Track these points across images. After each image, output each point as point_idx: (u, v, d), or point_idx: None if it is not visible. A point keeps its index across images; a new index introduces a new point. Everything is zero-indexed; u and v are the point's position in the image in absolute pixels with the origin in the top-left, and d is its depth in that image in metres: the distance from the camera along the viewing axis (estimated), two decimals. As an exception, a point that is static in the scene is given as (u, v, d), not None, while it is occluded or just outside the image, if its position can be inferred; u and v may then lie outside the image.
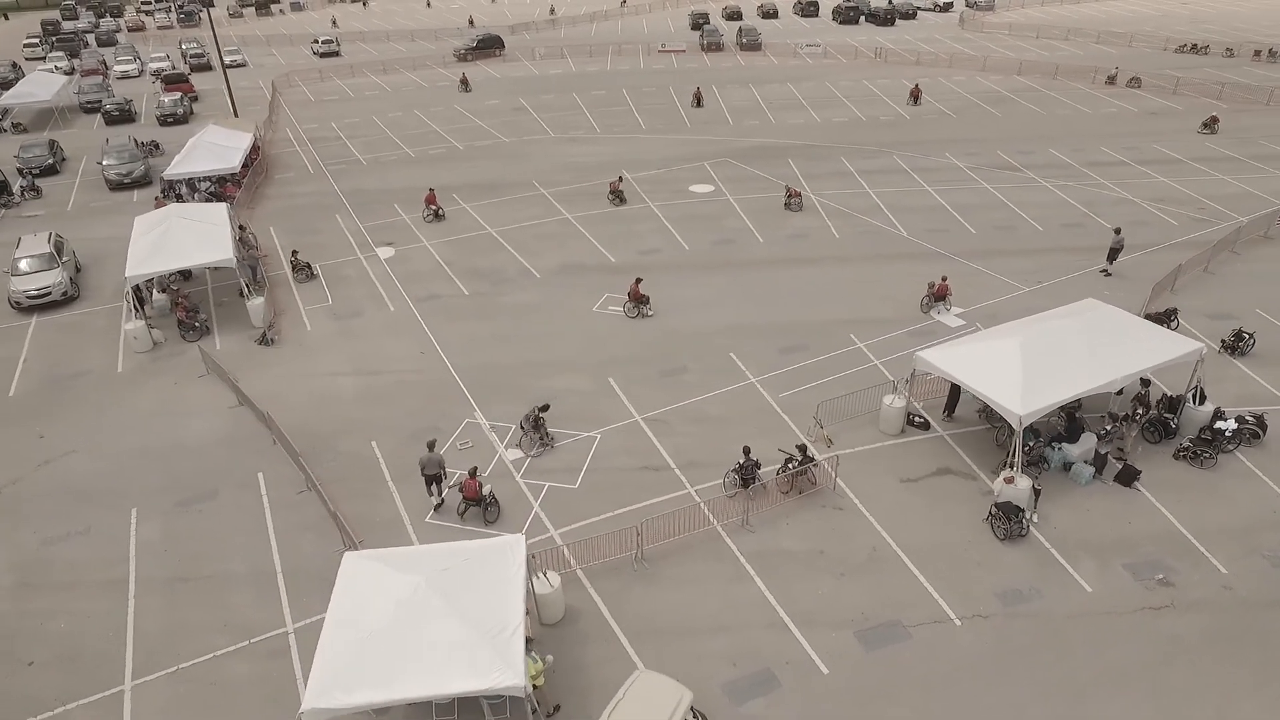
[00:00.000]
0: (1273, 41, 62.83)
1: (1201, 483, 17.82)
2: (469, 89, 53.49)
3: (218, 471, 19.13)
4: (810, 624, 14.74)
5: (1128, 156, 38.79)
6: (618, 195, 34.53)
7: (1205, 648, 14.05)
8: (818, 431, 19.64)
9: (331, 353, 23.96)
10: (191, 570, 16.34)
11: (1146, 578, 15.45)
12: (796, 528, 16.95)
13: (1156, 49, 62.43)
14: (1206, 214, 31.79)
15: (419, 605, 11.60)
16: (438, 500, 17.61)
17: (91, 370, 23.45)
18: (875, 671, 13.81)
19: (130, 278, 23.88)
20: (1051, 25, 73.55)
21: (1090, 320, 18.51)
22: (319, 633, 14.34)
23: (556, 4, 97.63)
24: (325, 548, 16.77)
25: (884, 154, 40.19)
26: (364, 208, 35.02)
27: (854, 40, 69.34)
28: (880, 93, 52.16)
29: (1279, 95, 47.33)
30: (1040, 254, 28.92)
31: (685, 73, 59.52)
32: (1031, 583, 15.41)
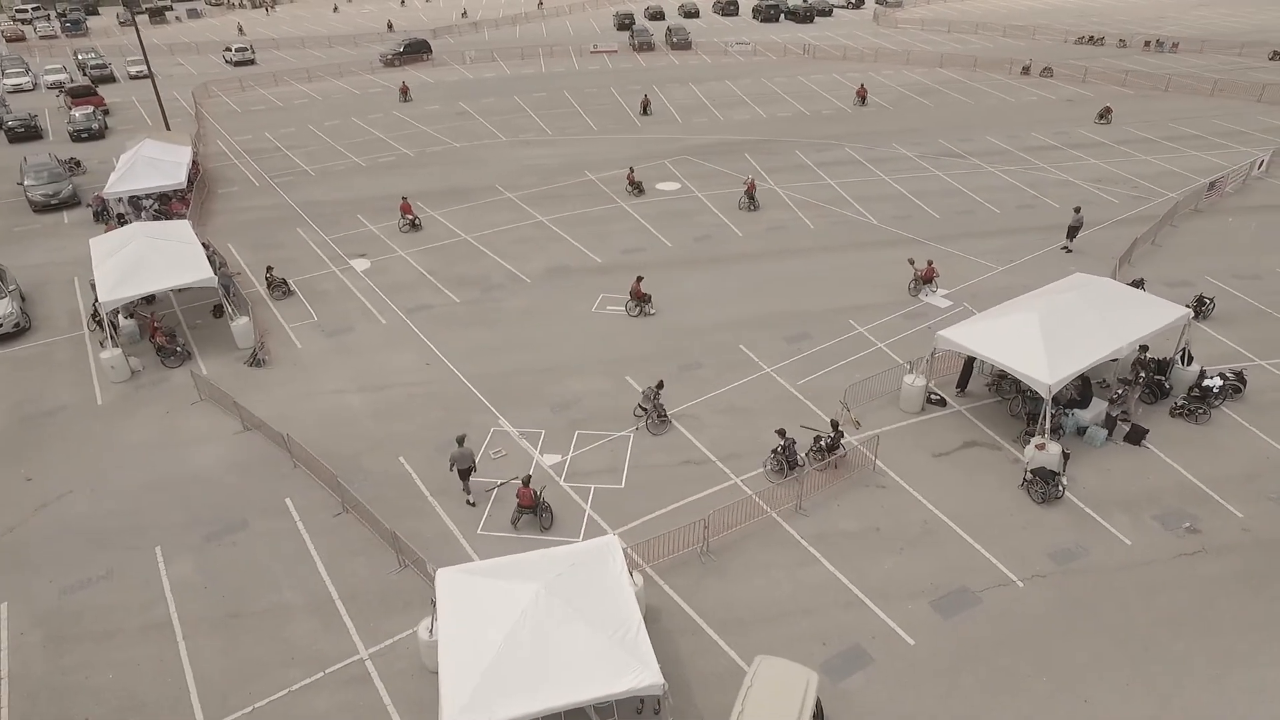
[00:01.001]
0: (1159, 33, 68.07)
1: (1200, 437, 19.32)
2: (408, 98, 51.80)
3: (240, 501, 18.13)
4: (884, 598, 15.24)
5: (1058, 141, 41.37)
6: (637, 186, 35.16)
7: (1241, 587, 15.28)
8: (845, 415, 20.24)
9: (331, 370, 23.03)
10: (241, 605, 15.47)
11: (1175, 527, 16.67)
12: (848, 508, 17.44)
13: (1058, 41, 66.71)
14: (1140, 191, 34.29)
15: (543, 613, 11.40)
16: (469, 497, 17.74)
17: (67, 405, 21.78)
18: (957, 636, 14.40)
19: (106, 303, 22.28)
20: (960, 20, 77.46)
21: (1091, 292, 19.76)
22: (398, 656, 14.01)
23: (469, 7, 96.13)
24: (380, 569, 16.19)
25: (836, 146, 41.51)
26: (325, 219, 33.71)
27: (779, 38, 71.19)
28: (817, 88, 53.79)
29: (1176, 82, 51.39)
30: (1002, 235, 30.54)
31: (622, 73, 59.75)
32: (1076, 541, 16.38)
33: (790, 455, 18.05)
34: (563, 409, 21.04)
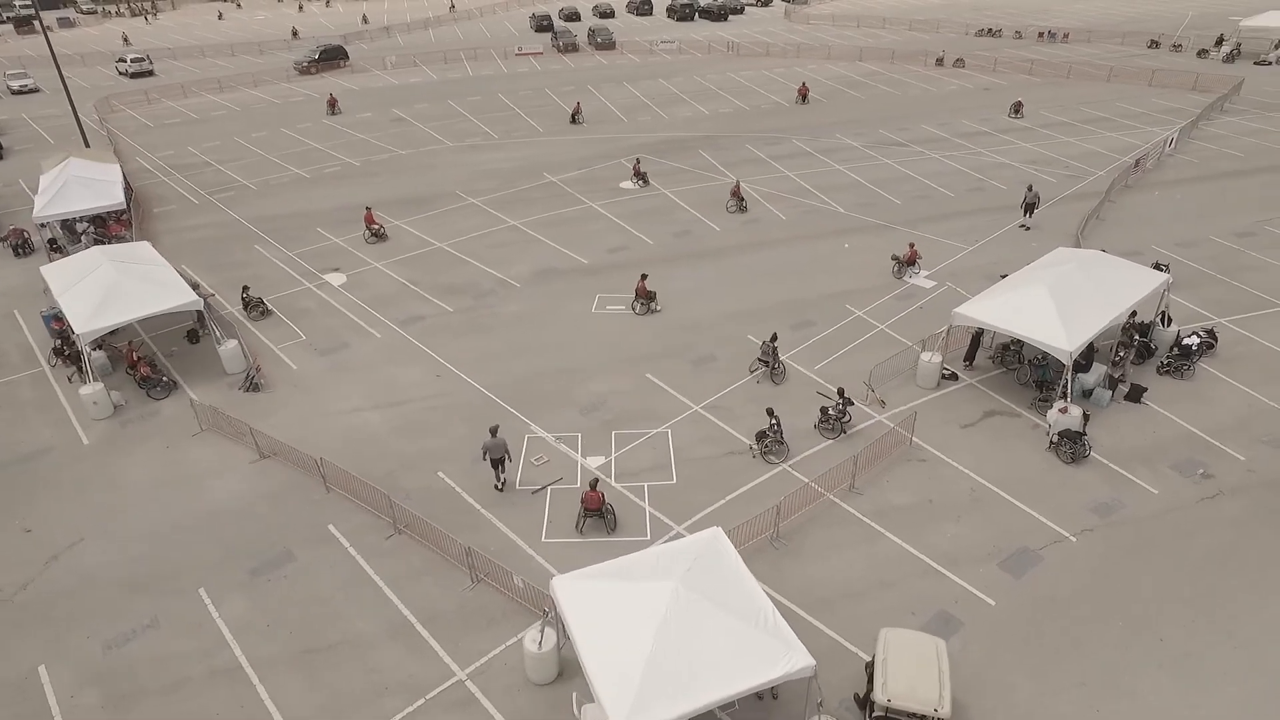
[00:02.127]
0: (1047, 24, 72.95)
1: (1188, 391, 21.02)
2: (336, 111, 49.37)
3: (277, 532, 17.13)
4: (955, 564, 15.91)
5: (986, 127, 43.87)
6: (642, 176, 35.99)
7: (1261, 523, 16.77)
8: (871, 395, 20.94)
9: (336, 389, 22.02)
10: (313, 639, 14.65)
11: (1191, 474, 18.11)
12: (897, 483, 18.08)
13: (960, 34, 70.57)
14: (1072, 171, 36.82)
15: (685, 608, 11.36)
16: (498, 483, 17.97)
17: (51, 447, 19.96)
18: (1031, 592, 15.22)
19: (85, 335, 20.52)
20: (866, 15, 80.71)
21: (1083, 264, 21.15)
22: (499, 672, 13.66)
23: (369, 12, 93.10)
24: (452, 587, 15.66)
25: (784, 139, 42.63)
26: (284, 234, 32.08)
27: (699, 36, 72.29)
28: (750, 83, 55.01)
29: (1076, 70, 55.32)
30: (961, 217, 32.19)
31: (552, 74, 59.32)
32: (1111, 495, 17.56)
33: (779, 435, 18.66)
34: (591, 411, 20.87)
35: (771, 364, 21.59)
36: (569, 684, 13.70)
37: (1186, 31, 67.45)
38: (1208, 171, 36.38)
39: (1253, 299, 25.40)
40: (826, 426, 19.57)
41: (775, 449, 18.79)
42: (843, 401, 19.46)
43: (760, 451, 18.90)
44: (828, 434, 19.61)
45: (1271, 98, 48.06)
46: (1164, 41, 62.77)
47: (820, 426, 19.59)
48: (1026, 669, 13.75)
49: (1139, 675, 13.62)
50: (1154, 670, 13.70)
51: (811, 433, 19.68)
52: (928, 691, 11.42)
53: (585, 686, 13.39)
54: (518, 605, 15.18)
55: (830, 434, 19.60)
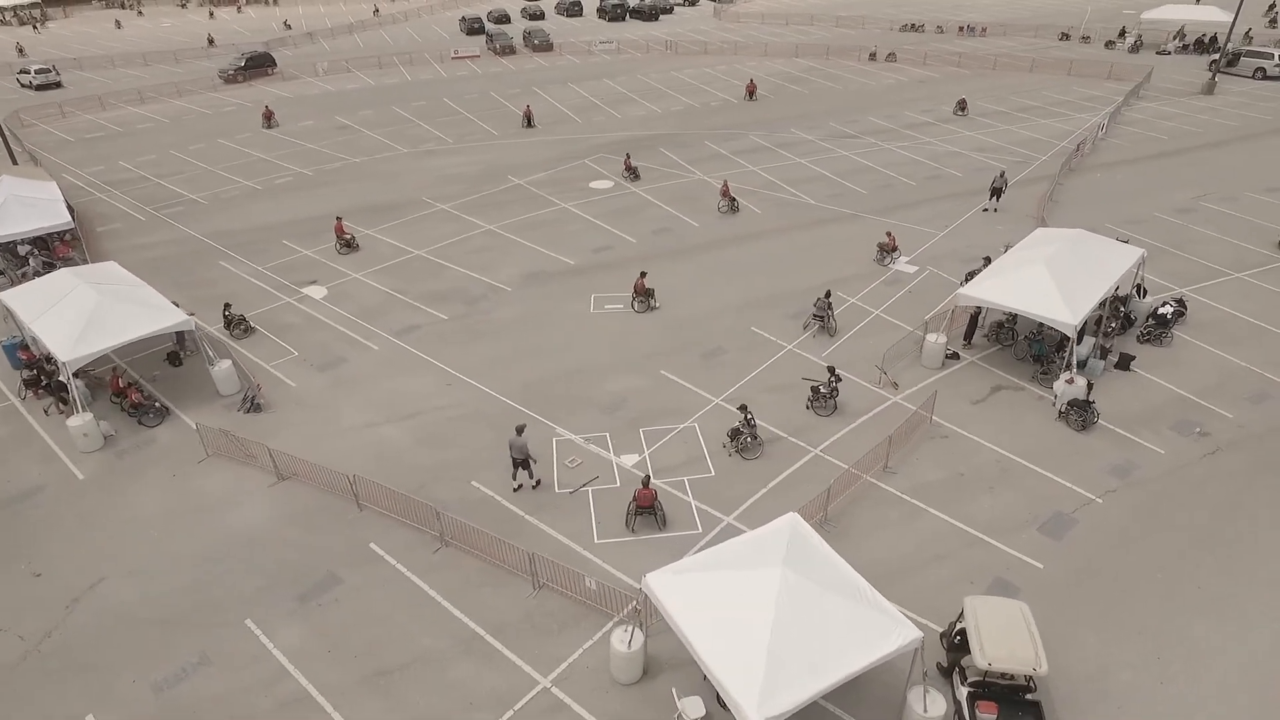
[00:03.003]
0: (962, 19, 76.29)
1: (1168, 357, 22.47)
2: (273, 124, 47.07)
3: (316, 555, 16.44)
4: (998, 533, 16.60)
5: (930, 118, 45.66)
6: (633, 171, 36.66)
7: (1261, 472, 18.11)
8: (884, 379, 21.57)
9: (344, 405, 21.24)
10: (382, 661, 14.14)
11: (1189, 433, 19.40)
12: (926, 460, 18.71)
13: (885, 29, 73.11)
14: (1018, 157, 38.72)
15: (794, 592, 11.50)
16: (516, 485, 17.91)
17: (42, 485, 18.57)
18: (1075, 553, 16.02)
19: (72, 362, 19.15)
20: (793, 13, 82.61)
21: (1070, 242, 22.32)
22: (584, 676, 13.63)
23: (289, 17, 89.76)
24: (514, 596, 15.38)
25: (740, 135, 43.31)
26: (249, 249, 30.67)
27: (634, 35, 72.54)
28: (695, 81, 55.60)
29: (1001, 62, 58.13)
30: (926, 204, 33.44)
31: (495, 77, 58.52)
32: (1123, 457, 18.64)
33: (753, 429, 18.83)
34: (613, 410, 20.80)
35: (826, 319, 23.56)
36: (655, 681, 13.68)
37: (1090, 24, 71.76)
38: (1139, 154, 38.85)
39: (1204, 269, 27.32)
40: (820, 405, 20.28)
41: (750, 446, 18.85)
42: (834, 379, 20.14)
43: (735, 449, 18.98)
44: (821, 412, 20.32)
45: (1177, 84, 51.67)
46: (1073, 34, 66.65)
47: (814, 406, 20.33)
48: (1088, 624, 14.49)
49: (1189, 620, 14.54)
50: (1200, 614, 14.65)
51: (823, 416, 20.17)
52: (1024, 652, 11.92)
53: (681, 681, 13.44)
54: (586, 608, 15.04)
55: (824, 411, 20.30)
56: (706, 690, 12.81)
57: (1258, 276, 26.78)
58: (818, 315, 23.72)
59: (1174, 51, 60.41)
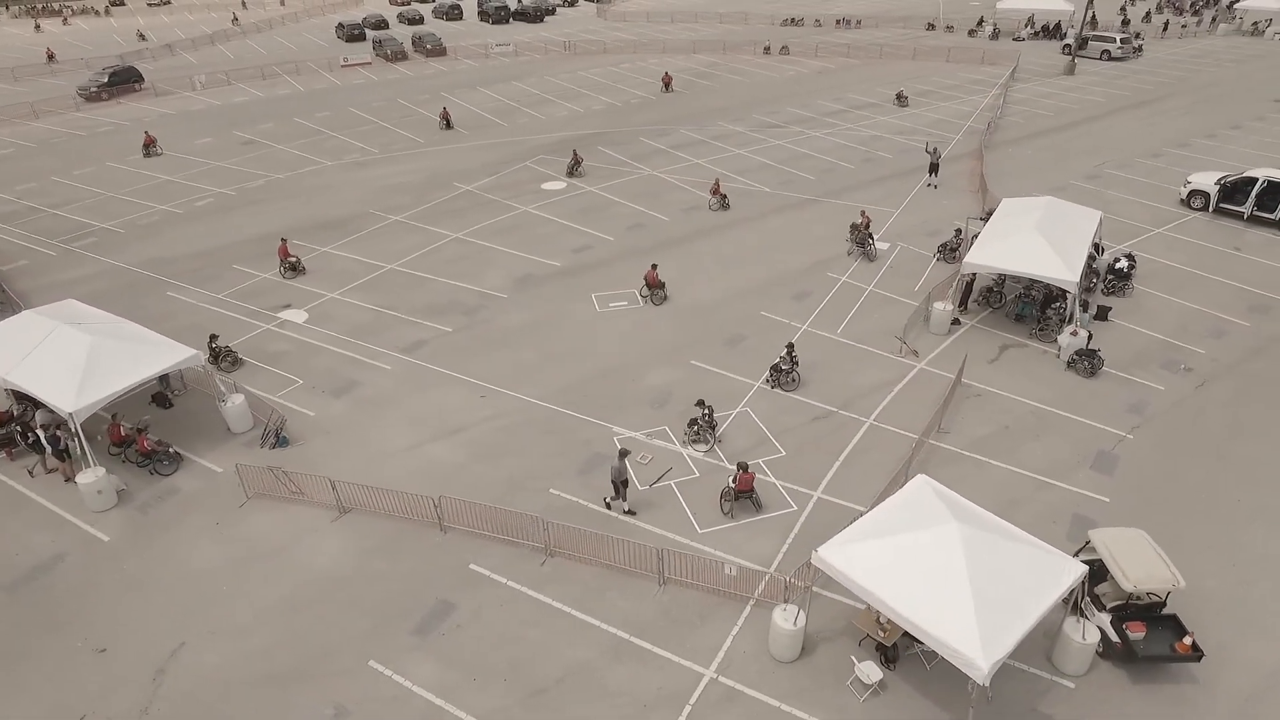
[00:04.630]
0: (837, 12, 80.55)
1: (1133, 306, 25.02)
2: (155, 151, 41.71)
3: (416, 585, 15.53)
4: (1058, 475, 18.02)
5: (842, 105, 48.13)
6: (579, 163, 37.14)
7: (1244, 395, 20.61)
8: (905, 348, 22.77)
9: (377, 428, 20.05)
10: (533, 680, 13.60)
11: (1176, 370, 21.76)
12: (970, 419, 19.98)
13: (766, 24, 76.06)
14: (934, 138, 41.59)
15: (978, 544, 12.13)
16: (607, 502, 17.35)
17: (64, 553, 16.41)
18: (1128, 485, 17.67)
19: (80, 412, 16.97)
20: (676, 11, 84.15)
21: (1046, 208, 24.39)
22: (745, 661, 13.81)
23: (135, 29, 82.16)
24: (640, 595, 15.21)
25: (672, 130, 43.96)
26: (195, 276, 28.13)
27: (523, 37, 71.63)
28: (607, 80, 55.74)
29: (887, 52, 62.00)
30: (872, 185, 35.34)
31: (394, 84, 56.19)
32: (1133, 396, 20.67)
33: (711, 421, 19.05)
34: (661, 404, 20.81)
35: (866, 245, 27.57)
36: (813, 656, 13.97)
37: (947, 15, 77.75)
38: (1034, 130, 42.70)
39: (1130, 228, 30.52)
40: (786, 381, 20.87)
41: (704, 435, 18.99)
42: (791, 359, 20.92)
43: (689, 439, 19.16)
44: (787, 388, 20.96)
45: (1041, 67, 56.99)
46: (938, 24, 72.02)
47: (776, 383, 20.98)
48: (1162, 545, 15.98)
49: (1242, 530, 16.43)
50: (1250, 524, 16.58)
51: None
52: (1161, 571, 13.14)
53: (838, 650, 13.83)
54: (720, 595, 15.11)
55: (790, 387, 20.94)
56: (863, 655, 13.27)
57: (1175, 230, 30.26)
58: (857, 243, 27.60)
59: (1027, 38, 66.61)
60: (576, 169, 36.83)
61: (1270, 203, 29.79)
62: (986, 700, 11.65)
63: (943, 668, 13.54)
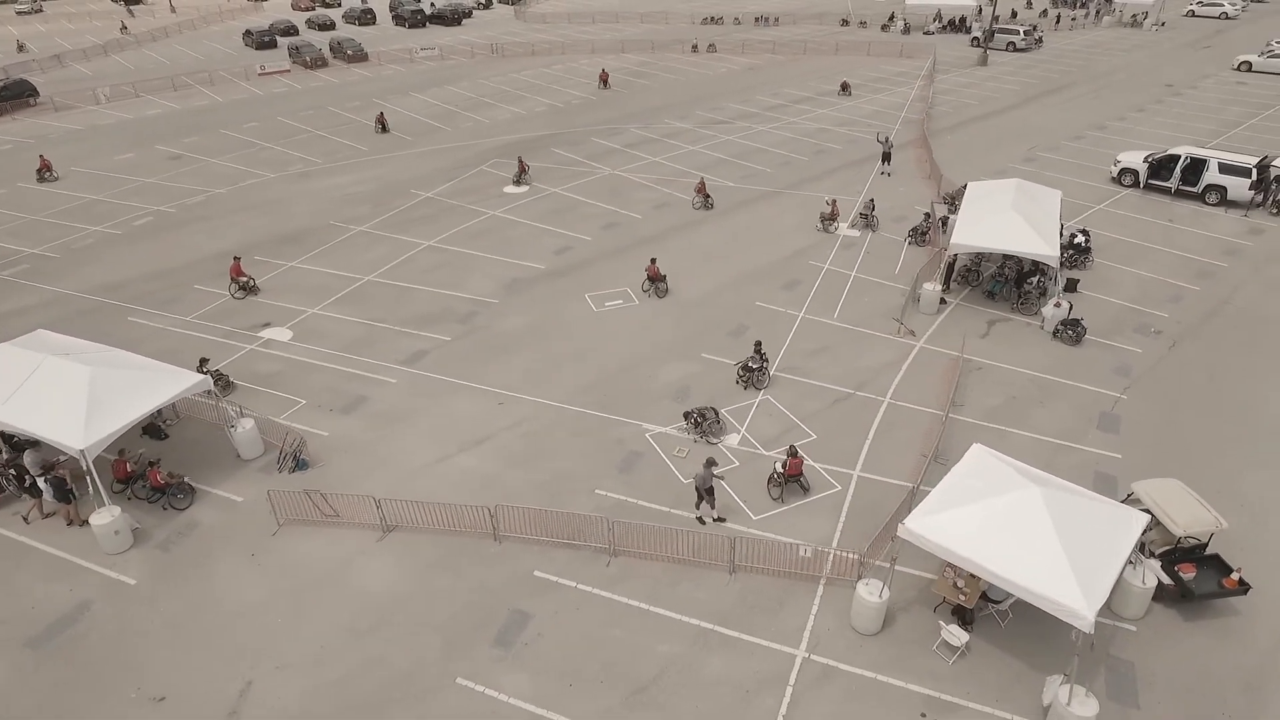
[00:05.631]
0: (761, 10, 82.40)
1: (1094, 278, 26.76)
2: (51, 176, 37.69)
3: (485, 597, 15.13)
4: (1070, 437, 19.13)
5: (780, 99, 49.37)
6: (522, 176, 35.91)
7: (1215, 352, 22.40)
8: (902, 329, 23.66)
9: (397, 444, 19.37)
10: (630, 680, 13.50)
11: (1148, 333, 23.45)
12: (978, 391, 20.96)
13: (687, 23, 77.10)
14: (874, 128, 43.25)
15: (1059, 504, 12.81)
16: (698, 515, 16.84)
17: (88, 601, 15.15)
18: (1135, 441, 18.93)
19: (93, 448, 15.67)
20: (597, 11, 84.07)
21: (1017, 190, 25.79)
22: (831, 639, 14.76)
23: (22, 39, 75.98)
24: (716, 583, 15.30)
25: (622, 129, 44.07)
26: (154, 299, 26.39)
27: (443, 40, 70.14)
28: (540, 81, 55.33)
29: (810, 48, 63.92)
30: (828, 175, 36.47)
31: (320, 91, 54.07)
32: (1115, 360, 22.15)
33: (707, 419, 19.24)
34: (683, 398, 20.92)
35: (869, 218, 30.09)
36: (894, 627, 14.42)
37: (858, 11, 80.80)
38: (965, 118, 45.01)
39: (1074, 206, 32.58)
40: (755, 379, 20.81)
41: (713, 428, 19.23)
42: (761, 356, 20.87)
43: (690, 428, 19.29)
44: (760, 386, 20.88)
45: (955, 59, 60.07)
46: (851, 20, 74.77)
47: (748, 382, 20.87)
48: (1186, 477, 17.32)
49: (1243, 474, 17.87)
50: (1247, 468, 18.05)
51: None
52: (1205, 515, 14.23)
53: (916, 619, 14.37)
54: (791, 577, 15.39)
55: (761, 384, 20.87)
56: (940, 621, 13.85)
57: (1113, 206, 32.55)
58: (863, 214, 29.70)
59: (936, 32, 70.04)
60: (523, 177, 35.84)
61: (1192, 178, 32.46)
62: (1090, 648, 12.35)
63: (1015, 624, 14.27)
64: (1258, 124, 42.80)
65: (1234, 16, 74.79)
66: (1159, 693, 13.17)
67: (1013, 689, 13.24)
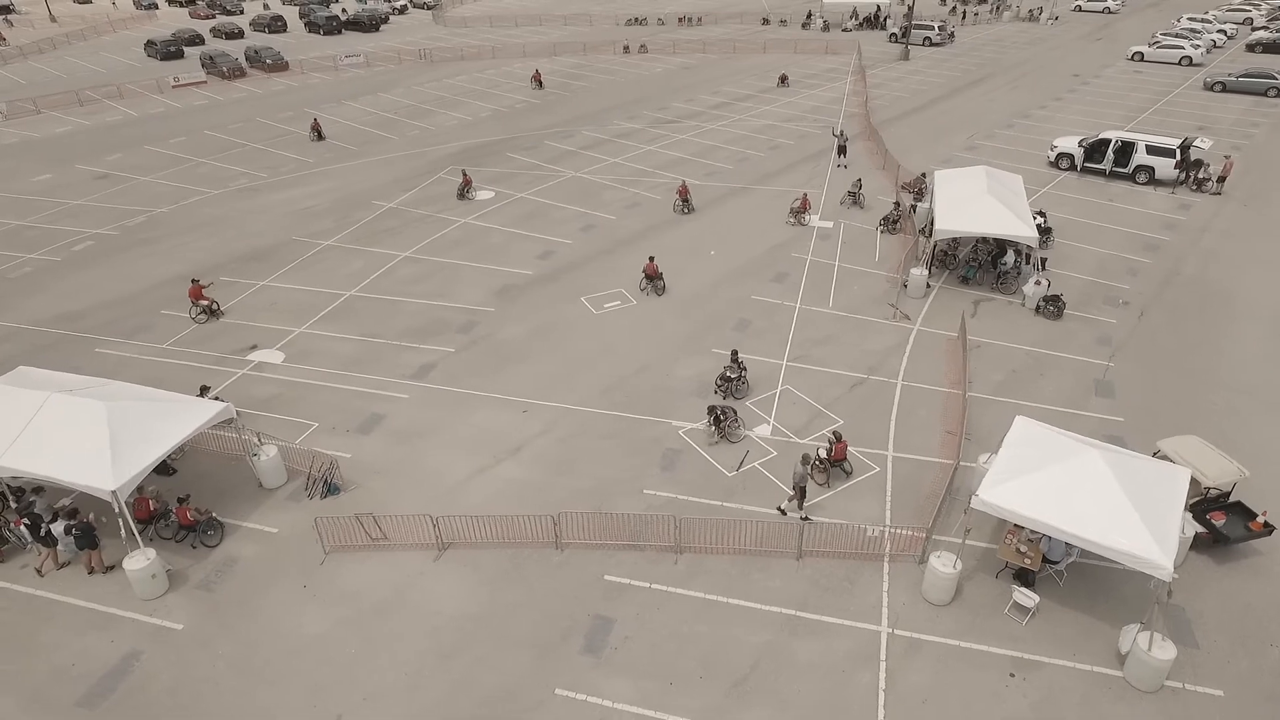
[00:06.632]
0: (683, 10, 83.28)
1: (1058, 255, 28.46)
2: None
3: (563, 606, 14.95)
4: (1074, 405, 20.36)
5: (723, 98, 50.20)
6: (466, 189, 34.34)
7: (1179, 315, 24.23)
8: (898, 313, 24.59)
9: (428, 459, 18.85)
10: (728, 672, 13.63)
11: (1117, 304, 25.16)
12: (980, 367, 22.02)
13: (611, 24, 77.28)
14: (821, 121, 44.59)
15: (1118, 463, 13.70)
16: (802, 515, 16.91)
17: (137, 651, 14.13)
18: (1130, 402, 20.32)
19: (124, 487, 14.57)
20: (520, 15, 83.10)
21: (988, 176, 27.13)
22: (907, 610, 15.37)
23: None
24: (785, 570, 15.59)
25: (573, 131, 43.89)
26: (119, 328, 24.74)
27: (366, 48, 67.96)
28: (478, 86, 54.44)
29: (740, 46, 65.18)
30: (788, 170, 37.39)
31: (245, 102, 51.54)
32: (1097, 331, 23.68)
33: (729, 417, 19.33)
34: (704, 393, 21.13)
35: (856, 195, 32.02)
36: (962, 596, 15.06)
37: (774, 9, 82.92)
38: (902, 111, 46.91)
39: (1020, 189, 34.58)
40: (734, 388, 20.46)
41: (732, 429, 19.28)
42: (739, 365, 20.59)
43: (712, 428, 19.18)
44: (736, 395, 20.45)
45: (878, 54, 62.47)
46: (772, 19, 76.67)
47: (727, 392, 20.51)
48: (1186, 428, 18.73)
49: (1232, 427, 19.45)
50: (1234, 421, 19.67)
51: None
52: (1228, 465, 15.49)
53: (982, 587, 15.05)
54: (856, 557, 15.85)
55: (739, 394, 20.52)
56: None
57: (1056, 188, 34.67)
58: (851, 193, 31.54)
59: (853, 28, 72.67)
60: (467, 191, 34.52)
61: (1123, 160, 34.96)
62: (1169, 596, 13.25)
63: (1071, 583, 15.17)
64: (1161, 108, 46.41)
65: (1115, 11, 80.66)
66: (1212, 631, 14.28)
67: (1086, 642, 14.09)
